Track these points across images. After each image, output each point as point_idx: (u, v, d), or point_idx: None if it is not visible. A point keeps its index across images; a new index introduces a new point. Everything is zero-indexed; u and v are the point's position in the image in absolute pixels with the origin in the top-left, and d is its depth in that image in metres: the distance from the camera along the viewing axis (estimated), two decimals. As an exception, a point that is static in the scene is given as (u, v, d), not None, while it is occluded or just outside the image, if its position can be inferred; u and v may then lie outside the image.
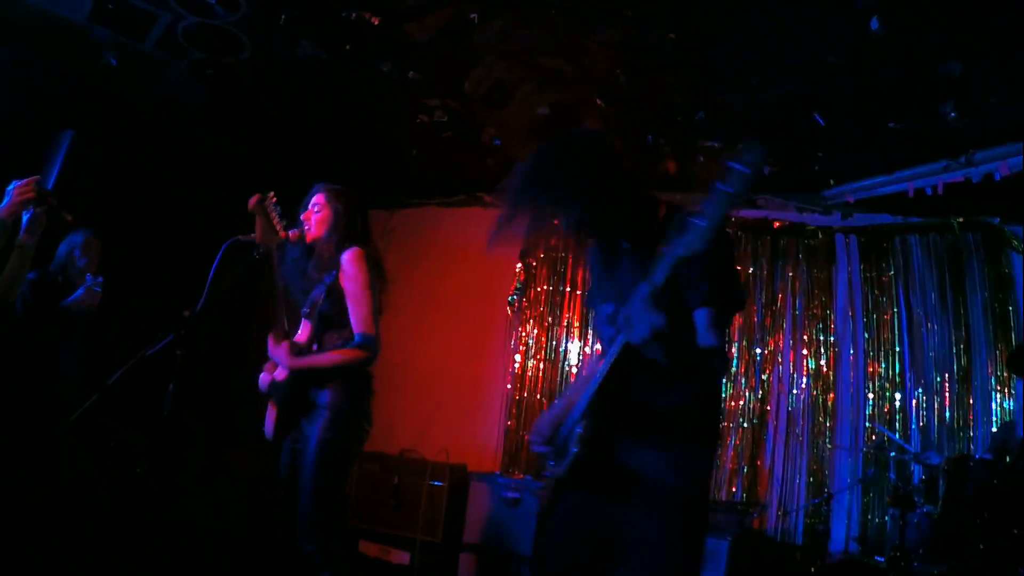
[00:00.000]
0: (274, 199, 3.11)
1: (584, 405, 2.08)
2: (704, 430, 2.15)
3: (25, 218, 3.24)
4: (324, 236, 3.27)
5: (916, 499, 4.13)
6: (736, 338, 5.72)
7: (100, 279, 4.23)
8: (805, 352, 5.59)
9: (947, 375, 5.11)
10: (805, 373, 5.55)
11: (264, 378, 3.22)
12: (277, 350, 3.13)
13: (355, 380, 3.13)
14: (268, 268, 3.09)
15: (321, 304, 3.20)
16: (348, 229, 3.27)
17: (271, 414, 3.23)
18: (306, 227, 3.30)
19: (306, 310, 3.31)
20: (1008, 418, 4.81)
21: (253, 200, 3.09)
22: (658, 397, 2.08)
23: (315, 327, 3.24)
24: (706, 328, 2.05)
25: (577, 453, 2.06)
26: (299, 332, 3.33)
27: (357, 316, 3.10)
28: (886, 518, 4.79)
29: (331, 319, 3.17)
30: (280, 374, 3.19)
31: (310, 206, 3.34)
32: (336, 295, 3.16)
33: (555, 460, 2.22)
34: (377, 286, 3.22)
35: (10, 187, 3.14)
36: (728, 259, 2.14)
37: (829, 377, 5.48)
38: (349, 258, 3.15)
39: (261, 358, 3.31)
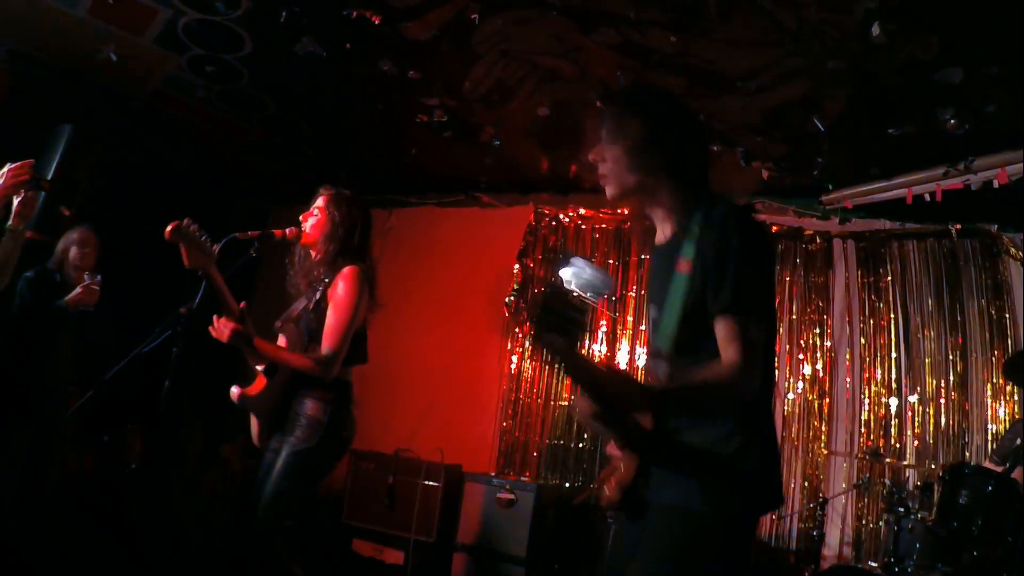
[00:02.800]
0: (192, 224, 2.95)
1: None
2: (728, 477, 1.80)
3: (16, 201, 3.21)
4: (318, 241, 3.24)
5: (910, 505, 4.13)
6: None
7: (98, 277, 4.22)
8: (801, 356, 5.59)
9: (943, 381, 5.11)
10: (801, 378, 5.55)
11: (235, 391, 3.15)
12: (238, 327, 3.02)
13: (333, 392, 3.12)
14: (209, 284, 3.03)
15: (305, 317, 3.19)
16: (345, 240, 3.24)
17: (254, 425, 3.24)
18: (303, 227, 3.28)
19: (279, 323, 3.29)
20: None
21: (169, 229, 2.89)
22: (685, 430, 1.85)
23: (300, 339, 3.21)
24: (726, 342, 1.76)
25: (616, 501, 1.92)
26: (277, 342, 3.31)
27: (328, 330, 3.08)
28: (880, 524, 4.79)
29: (315, 333, 3.15)
30: (252, 389, 3.16)
31: (311, 208, 3.32)
32: (322, 309, 3.15)
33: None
34: (364, 306, 3.18)
35: (3, 169, 3.12)
36: (759, 259, 1.83)
37: (825, 382, 5.48)
38: (344, 275, 3.13)
39: (245, 367, 3.29)
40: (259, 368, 3.16)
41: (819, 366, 5.52)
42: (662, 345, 1.86)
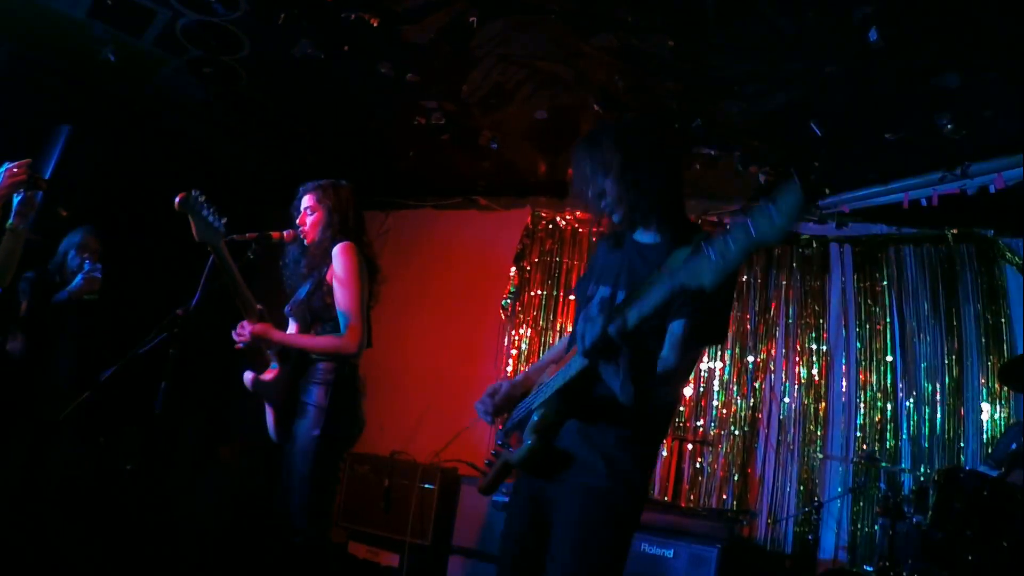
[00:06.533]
0: (201, 196, 2.98)
1: (547, 395, 2.10)
2: (647, 433, 2.11)
3: (16, 201, 3.22)
4: (318, 236, 3.26)
5: (906, 509, 4.13)
6: (729, 346, 5.73)
7: (99, 266, 4.22)
8: (797, 361, 5.59)
9: (939, 385, 5.12)
10: (797, 382, 5.55)
11: (248, 376, 3.20)
12: (257, 328, 3.09)
13: (338, 377, 3.12)
14: (220, 261, 3.00)
15: (310, 298, 3.20)
16: (342, 224, 3.27)
17: (270, 416, 3.23)
18: (302, 231, 3.29)
19: (288, 308, 3.30)
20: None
21: (179, 199, 2.92)
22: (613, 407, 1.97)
23: (303, 321, 3.24)
24: (673, 343, 1.93)
25: (532, 444, 2.08)
26: (288, 329, 3.32)
27: (343, 307, 3.09)
28: (875, 528, 4.79)
29: (319, 312, 3.17)
30: (267, 374, 3.18)
31: (302, 210, 3.33)
32: (325, 289, 3.16)
33: (509, 443, 2.29)
34: (368, 281, 3.21)
35: (0, 169, 3.12)
36: (726, 290, 2.06)
37: (821, 386, 5.49)
38: (339, 251, 3.15)
39: (254, 356, 3.30)
40: (271, 354, 3.17)
41: (815, 370, 5.53)
42: (584, 343, 1.88)
